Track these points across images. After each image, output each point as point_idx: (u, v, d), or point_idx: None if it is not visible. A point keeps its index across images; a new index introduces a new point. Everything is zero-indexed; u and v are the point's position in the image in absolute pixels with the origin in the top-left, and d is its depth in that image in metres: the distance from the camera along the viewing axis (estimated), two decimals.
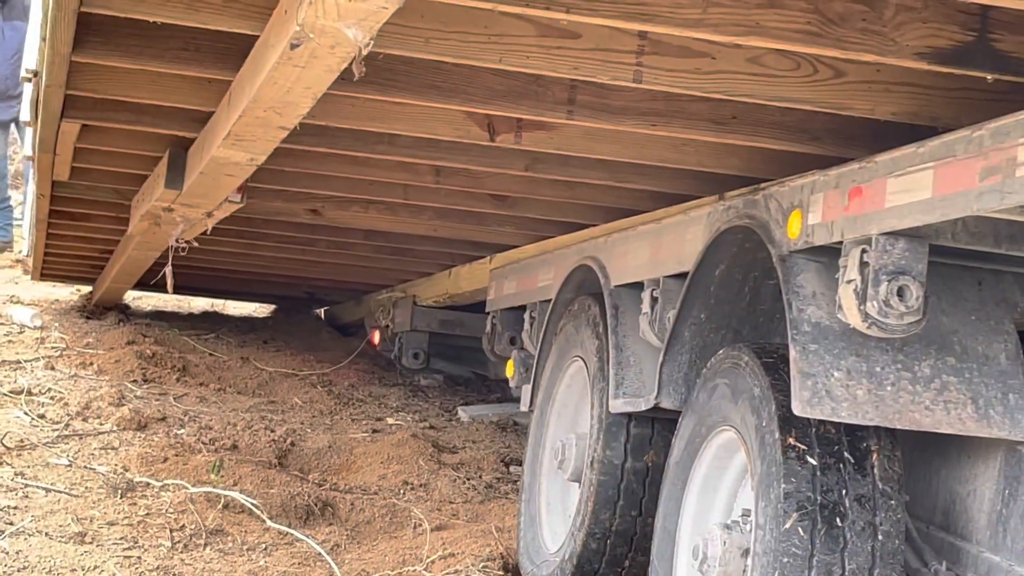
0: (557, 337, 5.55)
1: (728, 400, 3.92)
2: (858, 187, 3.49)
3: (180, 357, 7.99)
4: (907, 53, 3.05)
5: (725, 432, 3.99)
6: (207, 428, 6.66)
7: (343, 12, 2.59)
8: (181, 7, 3.29)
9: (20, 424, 6.38)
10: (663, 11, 2.95)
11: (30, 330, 8.55)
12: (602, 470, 4.82)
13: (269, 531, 5.45)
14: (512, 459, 6.73)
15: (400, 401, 8.10)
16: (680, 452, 4.20)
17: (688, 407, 4.20)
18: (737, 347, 3.96)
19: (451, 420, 7.80)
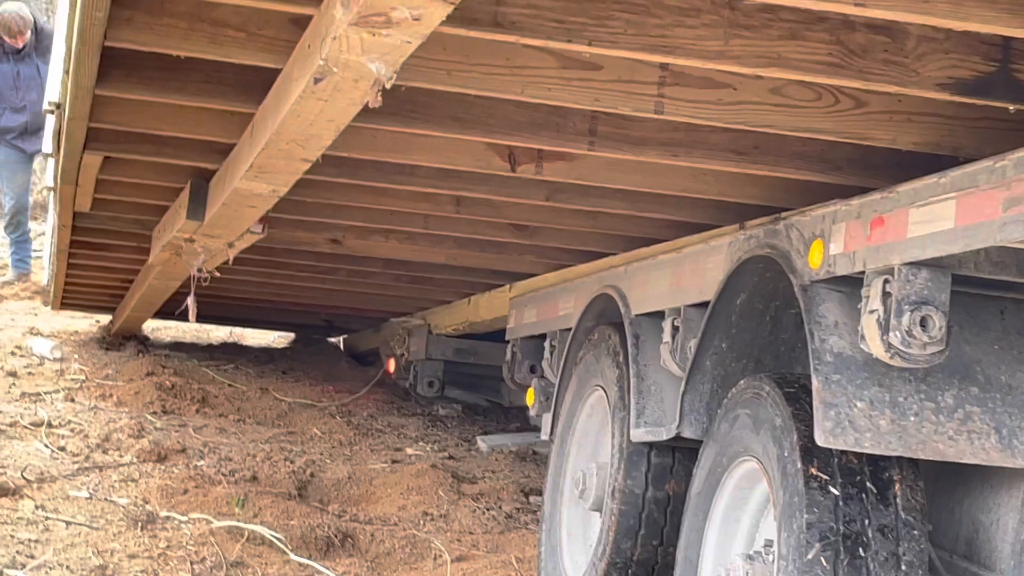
0: (577, 366, 5.55)
1: (750, 430, 3.91)
2: (880, 217, 3.49)
3: (199, 388, 8.00)
4: (929, 84, 3.05)
5: (747, 462, 3.98)
6: (227, 459, 6.66)
7: (367, 47, 2.60)
8: (204, 41, 3.31)
9: (40, 456, 6.39)
10: (685, 43, 2.96)
11: (50, 362, 8.57)
12: (623, 500, 4.81)
13: (290, 563, 5.44)
14: (532, 489, 6.72)
15: (419, 431, 8.10)
16: (702, 482, 4.19)
17: (709, 437, 4.19)
18: (758, 377, 3.95)
19: (470, 450, 7.78)
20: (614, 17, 2.91)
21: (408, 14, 2.36)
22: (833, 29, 2.99)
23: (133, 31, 3.31)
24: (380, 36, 2.52)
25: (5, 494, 5.79)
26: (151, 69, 3.69)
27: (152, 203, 5.69)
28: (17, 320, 10.16)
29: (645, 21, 2.91)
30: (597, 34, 2.93)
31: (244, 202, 4.38)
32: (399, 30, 2.47)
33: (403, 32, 2.48)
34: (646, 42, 2.94)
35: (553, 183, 4.59)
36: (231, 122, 4.08)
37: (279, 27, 3.27)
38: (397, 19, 2.41)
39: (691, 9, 2.93)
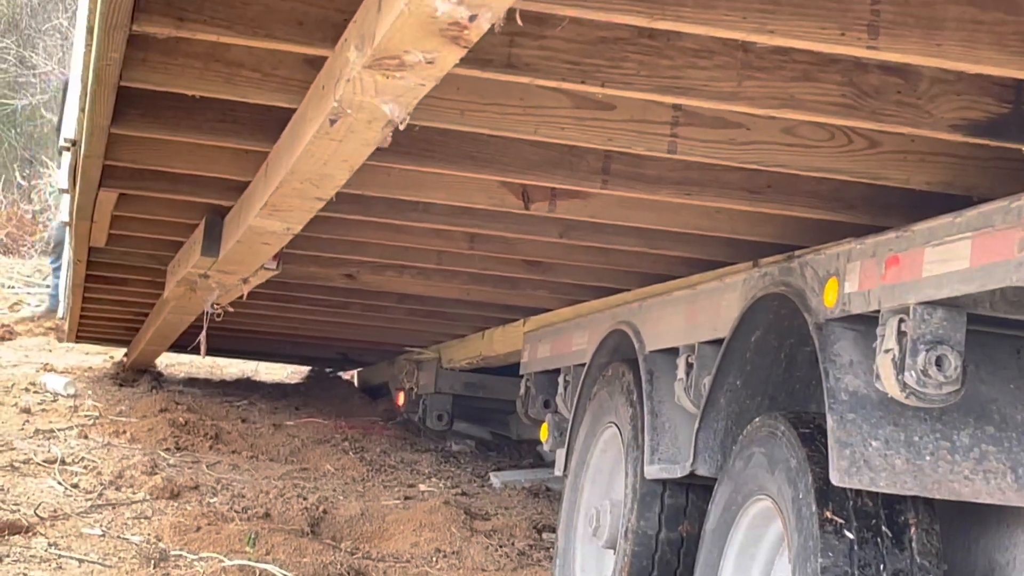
0: (591, 402, 5.54)
1: (764, 469, 3.90)
2: (895, 256, 3.48)
3: (213, 424, 7.99)
4: (942, 125, 3.05)
5: (761, 501, 3.97)
6: (240, 496, 6.64)
7: (380, 89, 2.60)
8: (219, 80, 3.32)
9: (54, 494, 6.38)
10: (698, 84, 2.96)
11: (64, 398, 8.56)
12: (636, 540, 4.79)
13: None
14: (545, 525, 6.69)
15: (432, 467, 8.08)
16: (716, 520, 4.18)
17: (724, 474, 4.17)
18: (773, 416, 3.94)
19: (483, 486, 7.77)
20: (627, 58, 2.92)
21: (421, 57, 2.37)
22: (846, 71, 2.99)
23: (148, 71, 3.32)
24: (394, 79, 2.53)
25: (18, 531, 5.77)
26: (166, 108, 3.70)
27: (167, 239, 5.71)
28: (31, 356, 10.18)
29: (658, 62, 2.92)
30: (610, 75, 2.93)
31: (258, 239, 4.39)
32: (412, 73, 2.48)
33: (416, 75, 2.49)
34: (659, 83, 2.95)
35: (567, 220, 4.60)
36: (246, 160, 4.10)
37: (293, 67, 3.29)
38: (410, 62, 2.41)
39: (704, 51, 2.93)
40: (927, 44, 2.55)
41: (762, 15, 2.51)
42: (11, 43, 19.04)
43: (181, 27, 2.87)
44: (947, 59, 2.58)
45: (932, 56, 2.58)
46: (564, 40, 2.89)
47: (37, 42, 19.81)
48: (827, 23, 2.53)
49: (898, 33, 2.53)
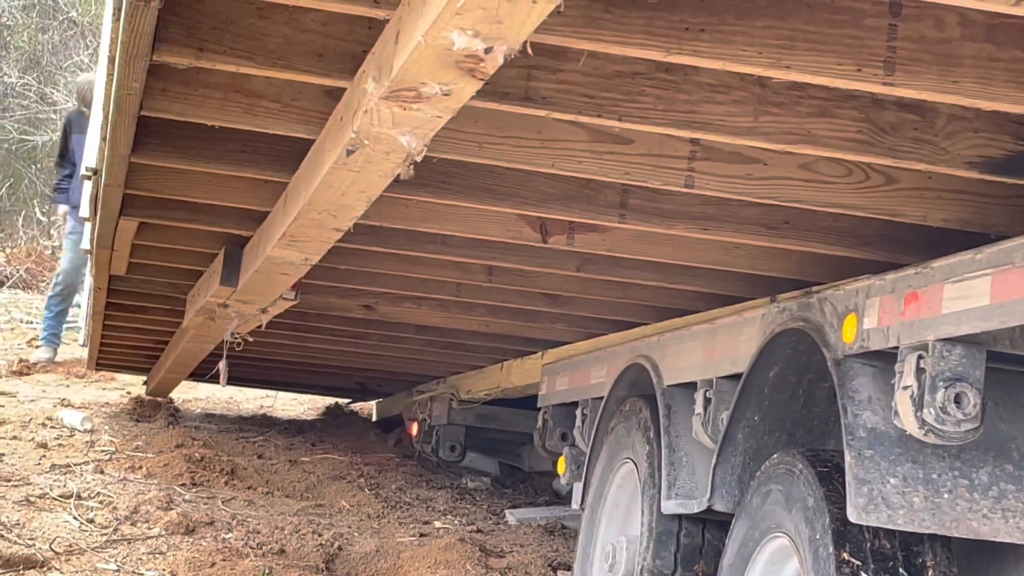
0: (608, 436, 5.52)
1: (782, 507, 3.88)
2: (914, 292, 3.47)
3: (228, 460, 7.96)
4: (958, 162, 3.05)
5: (778, 539, 3.95)
6: (255, 532, 6.61)
7: (397, 120, 2.61)
8: (239, 111, 3.33)
9: (69, 528, 6.35)
10: (715, 119, 2.97)
11: (80, 433, 8.54)
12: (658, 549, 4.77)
13: None
14: (560, 563, 6.65)
15: (447, 504, 8.06)
16: (733, 555, 4.16)
17: (742, 510, 4.15)
18: (791, 453, 3.92)
19: (498, 523, 7.72)
20: (644, 93, 2.92)
21: (438, 89, 2.37)
22: (863, 107, 2.99)
23: (168, 101, 3.34)
24: (411, 110, 2.53)
25: (33, 566, 5.75)
26: (186, 137, 3.72)
27: (186, 268, 5.72)
28: (48, 391, 10.18)
29: (675, 97, 2.92)
30: (627, 109, 2.94)
31: (277, 269, 4.40)
32: (429, 105, 2.48)
33: (433, 107, 2.49)
34: (676, 118, 2.95)
35: (584, 254, 4.60)
36: (265, 190, 4.11)
37: (313, 99, 3.30)
38: (427, 94, 2.42)
39: (721, 86, 2.93)
40: (943, 81, 2.55)
41: (779, 50, 2.51)
42: (32, 80, 19.18)
43: (201, 57, 2.89)
44: (963, 96, 2.58)
45: (948, 93, 2.58)
46: (581, 74, 2.89)
47: (58, 79, 19.95)
48: (844, 59, 2.53)
49: (914, 70, 2.53)
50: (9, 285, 16.14)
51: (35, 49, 21.08)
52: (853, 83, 2.58)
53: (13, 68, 20.68)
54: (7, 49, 21.15)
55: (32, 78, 19.56)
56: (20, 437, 8.19)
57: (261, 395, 11.64)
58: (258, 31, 2.87)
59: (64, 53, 20.94)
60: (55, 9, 21.04)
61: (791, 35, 2.49)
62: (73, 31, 20.97)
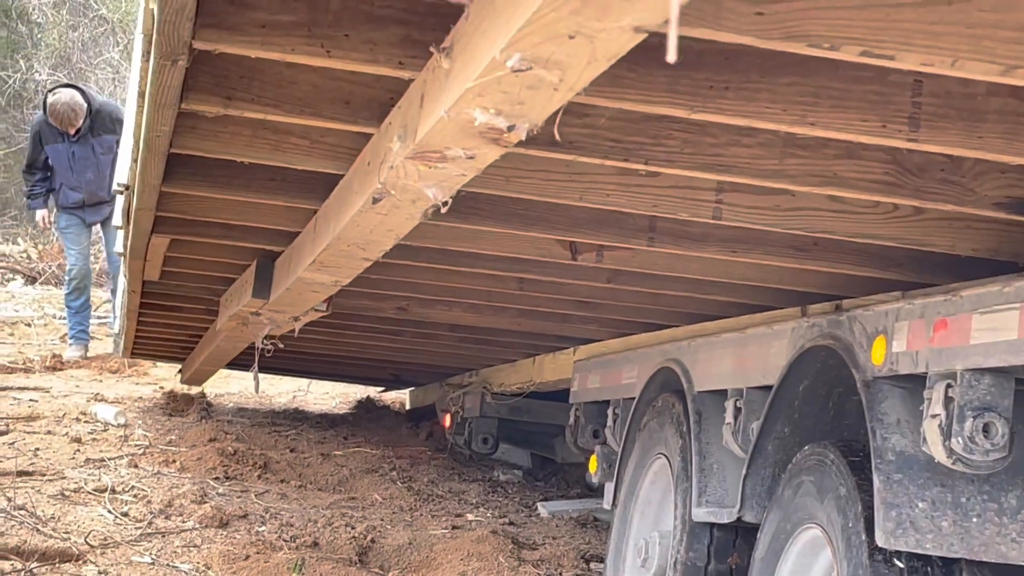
0: (640, 434, 5.54)
1: (814, 498, 3.89)
2: (943, 320, 3.46)
3: (261, 454, 7.99)
4: (986, 203, 3.04)
5: (810, 530, 3.96)
6: (288, 525, 6.65)
7: (423, 175, 2.63)
8: (267, 148, 3.35)
9: (104, 522, 6.39)
10: (740, 162, 2.97)
11: (114, 428, 8.59)
12: (685, 571, 4.79)
13: None
14: (592, 555, 6.67)
15: (479, 497, 8.08)
16: (765, 548, 4.17)
17: (773, 503, 4.17)
18: (823, 444, 3.94)
19: (531, 516, 7.75)
20: (671, 136, 2.92)
21: (462, 153, 2.39)
22: (889, 149, 2.98)
23: (197, 139, 3.36)
24: (436, 168, 2.55)
25: (69, 559, 5.79)
26: (216, 168, 3.74)
27: (219, 275, 5.75)
28: (82, 386, 10.22)
29: (701, 140, 2.92)
30: (654, 153, 2.94)
31: (308, 288, 4.43)
32: (455, 165, 2.50)
33: (458, 167, 2.51)
34: (702, 161, 2.95)
35: (614, 268, 4.61)
36: (296, 213, 4.13)
37: (341, 136, 3.31)
38: (452, 156, 2.44)
39: (747, 129, 2.93)
40: (969, 136, 2.55)
41: (802, 107, 2.51)
42: (62, 77, 19.23)
43: (229, 106, 2.91)
44: (989, 151, 2.57)
45: (974, 148, 2.57)
46: (607, 119, 2.89)
47: (89, 76, 19.99)
48: (868, 115, 2.53)
49: (940, 125, 2.53)
50: (41, 281, 16.27)
51: (65, 46, 21.14)
52: (877, 139, 2.57)
53: (44, 65, 20.76)
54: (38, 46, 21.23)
55: (62, 75, 19.62)
56: (54, 432, 8.25)
57: (293, 389, 11.69)
58: (286, 79, 2.88)
59: (94, 50, 20.99)
60: (85, 7, 21.08)
61: (815, 92, 2.49)
62: (103, 28, 21.02)
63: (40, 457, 7.56)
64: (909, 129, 2.51)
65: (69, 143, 10.56)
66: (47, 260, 16.56)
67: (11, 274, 16.87)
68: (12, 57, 21.08)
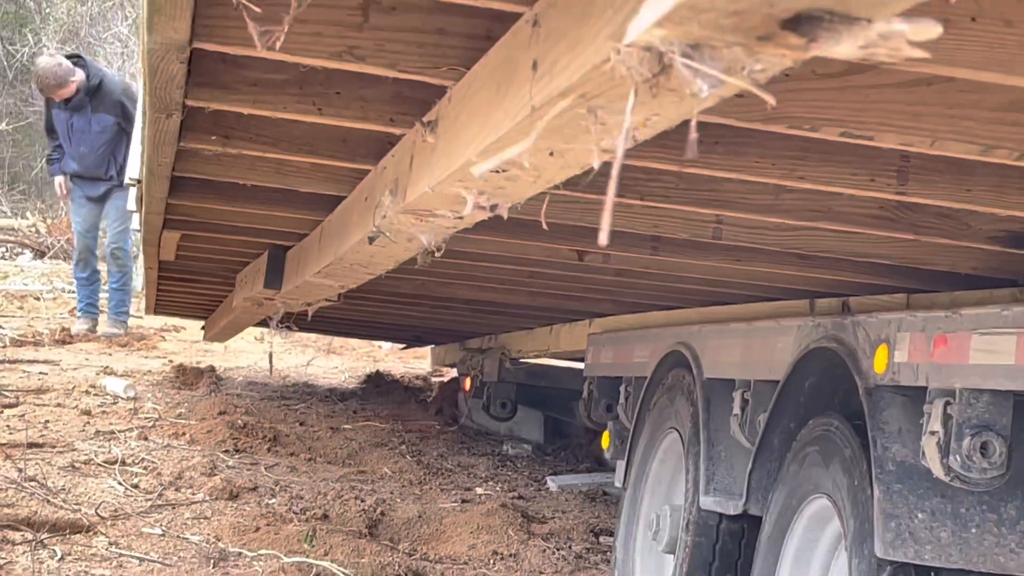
0: (651, 412, 5.56)
1: (819, 466, 3.91)
2: (944, 336, 3.47)
3: (271, 427, 7.98)
4: (981, 237, 3.04)
5: (817, 500, 3.97)
6: (298, 498, 6.67)
7: (415, 224, 2.65)
8: (269, 171, 3.37)
9: (114, 494, 6.41)
10: (735, 197, 2.97)
11: (123, 401, 8.61)
12: (697, 531, 4.80)
13: None
14: (602, 529, 6.71)
15: (489, 471, 8.10)
16: (772, 526, 4.20)
17: (778, 481, 4.19)
18: (827, 414, 3.94)
19: (540, 490, 7.78)
20: (666, 172, 2.93)
21: (450, 214, 2.41)
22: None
23: (200, 163, 3.38)
24: (427, 222, 2.57)
25: (79, 531, 5.81)
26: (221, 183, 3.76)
27: (233, 259, 5.79)
28: (91, 359, 10.20)
29: (697, 176, 2.93)
30: (650, 188, 2.95)
31: (315, 288, 4.46)
32: (444, 220, 2.52)
33: (448, 222, 2.53)
34: (697, 197, 2.96)
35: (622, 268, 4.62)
36: (303, 222, 4.15)
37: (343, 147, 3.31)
38: (441, 215, 2.46)
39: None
40: (957, 189, 2.55)
41: (792, 161, 2.51)
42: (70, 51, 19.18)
43: (227, 144, 2.93)
44: (978, 204, 2.57)
45: (962, 202, 2.58)
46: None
47: (97, 50, 19.92)
48: (857, 169, 2.53)
49: (928, 179, 2.53)
50: (50, 256, 16.35)
51: (74, 21, 21.05)
52: (866, 192, 2.58)
53: (52, 40, 20.70)
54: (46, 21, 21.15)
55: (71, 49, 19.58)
56: (64, 404, 8.25)
57: (302, 363, 11.73)
58: (283, 119, 2.89)
59: (103, 24, 20.90)
60: None
61: (805, 146, 2.50)
62: (112, 2, 20.90)
63: (50, 429, 7.57)
64: (898, 183, 2.52)
65: (69, 112, 10.44)
66: (56, 235, 16.64)
67: (20, 248, 16.97)
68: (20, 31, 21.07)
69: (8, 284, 14.20)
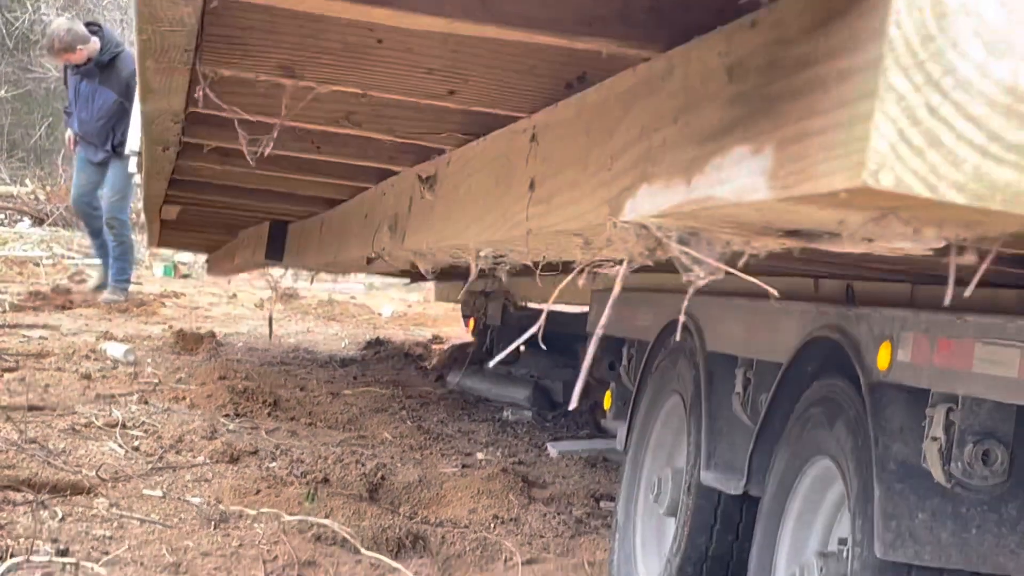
0: (653, 375, 5.53)
1: (823, 428, 3.90)
2: (947, 341, 3.43)
3: (271, 392, 7.95)
4: None
5: (820, 462, 3.97)
6: (298, 461, 6.66)
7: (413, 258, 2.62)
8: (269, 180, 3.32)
9: (115, 456, 6.40)
10: None
11: (123, 365, 8.58)
12: (699, 494, 4.78)
13: (361, 563, 5.43)
14: (603, 494, 6.69)
15: (489, 436, 8.08)
16: (775, 488, 4.19)
17: (780, 447, 4.18)
18: (832, 375, 3.92)
19: (540, 456, 7.75)
20: None
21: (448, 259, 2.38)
22: None
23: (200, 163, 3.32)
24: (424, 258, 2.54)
25: (80, 492, 5.80)
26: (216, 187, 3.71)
27: (234, 223, 5.75)
28: (91, 324, 10.20)
29: None
30: None
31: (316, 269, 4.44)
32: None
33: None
34: None
35: None
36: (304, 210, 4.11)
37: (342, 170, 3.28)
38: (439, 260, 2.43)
39: None
40: None
41: None
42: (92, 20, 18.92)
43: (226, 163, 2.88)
44: None
45: None
46: None
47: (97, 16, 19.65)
48: None
49: None
50: (49, 223, 16.32)
51: None
52: None
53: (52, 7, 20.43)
54: None
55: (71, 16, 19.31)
56: (64, 368, 8.25)
57: (302, 330, 11.69)
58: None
59: None
60: None
61: None
62: None
63: (50, 393, 7.55)
64: None
65: (79, 76, 10.51)
66: (55, 202, 16.64)
67: (19, 215, 16.97)
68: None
69: (7, 250, 14.18)
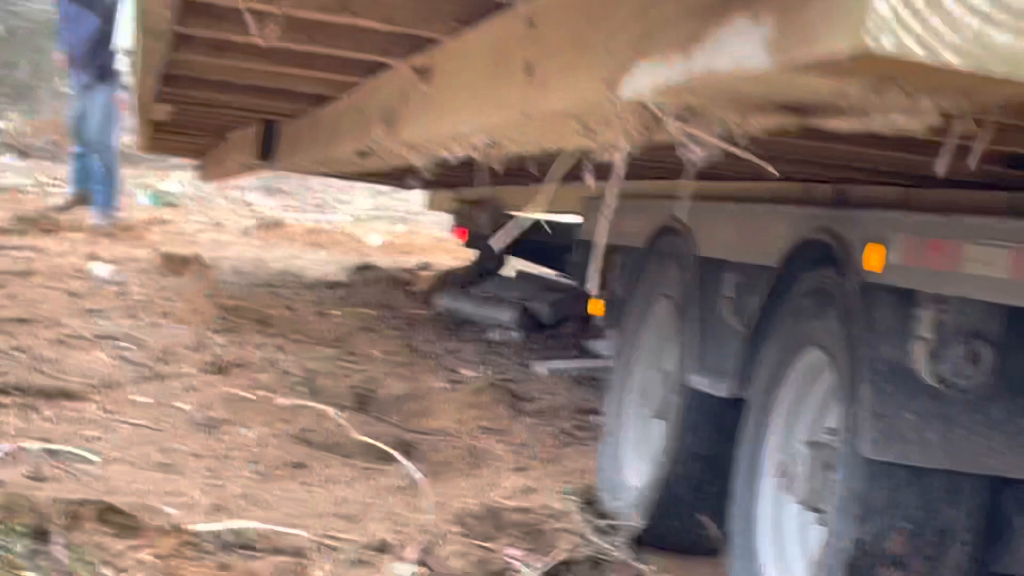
0: (644, 281, 5.53)
1: (814, 317, 3.91)
2: (938, 242, 3.43)
3: (259, 311, 7.97)
4: None
5: (810, 352, 3.98)
6: (287, 374, 6.67)
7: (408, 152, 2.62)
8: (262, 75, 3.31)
9: (103, 365, 6.39)
10: None
11: (110, 284, 8.56)
12: (690, 396, 4.77)
13: (349, 465, 5.47)
14: (590, 409, 6.69)
15: (476, 356, 8.09)
16: (765, 381, 4.21)
17: (771, 337, 4.18)
18: (825, 267, 3.92)
19: (528, 374, 7.77)
20: None
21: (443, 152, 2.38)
22: None
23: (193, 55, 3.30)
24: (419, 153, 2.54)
25: (70, 398, 5.80)
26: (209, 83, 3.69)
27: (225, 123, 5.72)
28: (77, 247, 10.15)
29: None
30: None
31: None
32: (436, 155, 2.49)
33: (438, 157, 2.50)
34: None
35: None
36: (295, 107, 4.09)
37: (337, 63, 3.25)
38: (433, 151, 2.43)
39: None
40: None
41: None
42: None
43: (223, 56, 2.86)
44: None
45: None
46: None
47: None
48: None
49: None
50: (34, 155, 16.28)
51: None
52: None
53: None
54: None
55: None
56: (51, 286, 8.23)
57: (289, 256, 11.67)
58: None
59: None
60: None
61: None
62: None
63: (38, 307, 7.54)
64: None
65: None
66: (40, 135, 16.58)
67: (3, 149, 16.91)
68: None
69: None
